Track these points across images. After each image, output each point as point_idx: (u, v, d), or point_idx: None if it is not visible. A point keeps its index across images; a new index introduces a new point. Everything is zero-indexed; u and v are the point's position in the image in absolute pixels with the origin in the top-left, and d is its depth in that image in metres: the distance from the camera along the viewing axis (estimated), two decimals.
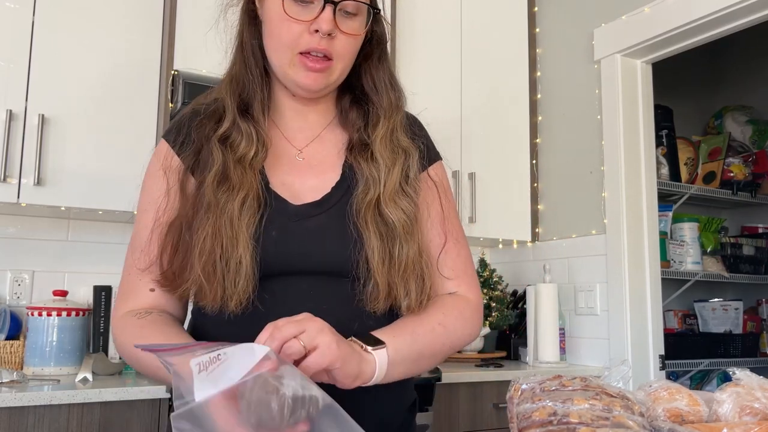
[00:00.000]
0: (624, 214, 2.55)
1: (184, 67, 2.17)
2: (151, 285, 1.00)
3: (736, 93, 3.90)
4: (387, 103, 1.05)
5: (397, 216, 0.99)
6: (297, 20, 0.97)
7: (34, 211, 2.22)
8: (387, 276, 0.97)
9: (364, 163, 1.02)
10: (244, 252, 0.92)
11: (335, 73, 1.01)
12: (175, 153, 1.03)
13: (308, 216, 0.99)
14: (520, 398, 0.80)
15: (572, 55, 2.87)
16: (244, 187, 0.95)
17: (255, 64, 1.03)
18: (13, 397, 1.65)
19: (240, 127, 1.00)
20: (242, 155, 0.98)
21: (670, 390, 0.82)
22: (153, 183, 1.04)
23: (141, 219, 1.04)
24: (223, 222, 0.93)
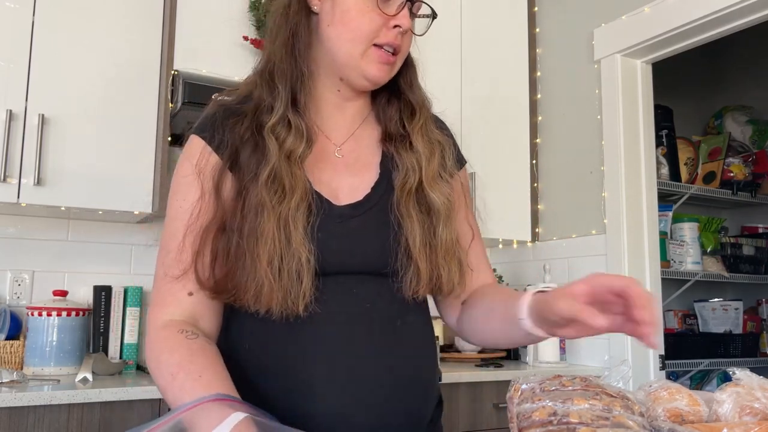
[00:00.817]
0: (624, 214, 2.55)
1: (184, 67, 2.17)
2: (189, 289, 0.95)
3: (736, 93, 3.90)
4: (420, 98, 1.10)
5: (439, 198, 1.02)
6: (382, 13, 0.98)
7: (34, 211, 2.22)
8: (428, 260, 0.99)
9: (403, 152, 1.05)
10: (303, 253, 0.91)
11: (396, 69, 1.05)
12: (212, 150, 0.98)
13: (350, 217, 0.99)
14: (520, 398, 0.80)
15: (572, 55, 2.87)
16: (297, 188, 0.94)
17: (304, 56, 1.02)
18: (13, 397, 1.65)
19: (290, 120, 0.98)
20: (290, 150, 0.96)
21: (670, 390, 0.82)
22: (186, 187, 0.98)
23: (173, 223, 0.99)
24: (280, 224, 0.91)
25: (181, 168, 1.01)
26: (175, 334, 0.91)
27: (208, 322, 0.97)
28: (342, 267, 0.97)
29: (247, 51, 2.33)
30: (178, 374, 0.85)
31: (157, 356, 0.90)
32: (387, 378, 0.97)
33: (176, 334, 0.90)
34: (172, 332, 0.91)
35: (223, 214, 0.95)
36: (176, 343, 0.89)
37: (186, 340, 0.89)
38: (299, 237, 0.91)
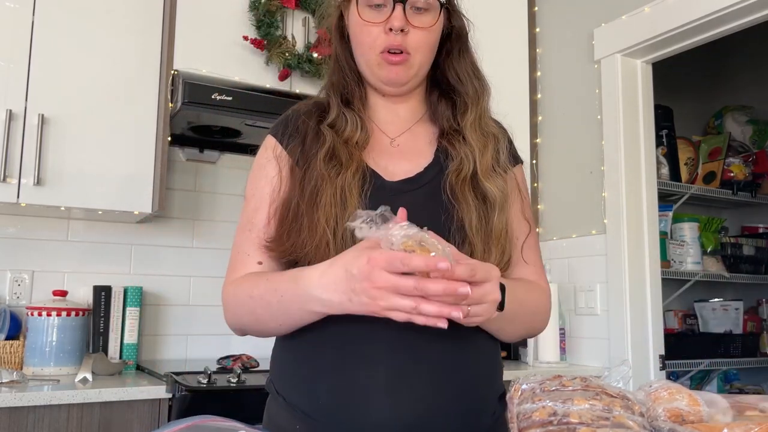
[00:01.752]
0: (624, 214, 2.55)
1: (184, 67, 2.17)
2: (259, 259, 1.08)
3: (736, 93, 3.90)
4: (472, 91, 1.15)
5: (494, 189, 1.07)
6: (372, 23, 1.07)
7: (34, 211, 2.22)
8: (484, 241, 1.03)
9: (457, 145, 1.10)
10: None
11: (414, 66, 1.10)
12: (282, 146, 1.12)
13: (402, 192, 1.06)
14: (520, 398, 0.80)
15: (572, 55, 2.87)
16: (353, 162, 1.05)
17: (349, 70, 1.15)
18: (13, 397, 1.65)
19: (345, 115, 1.11)
20: (348, 137, 1.09)
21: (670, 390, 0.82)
22: (265, 168, 1.12)
23: (253, 200, 1.11)
24: (336, 191, 1.01)
25: (258, 157, 1.15)
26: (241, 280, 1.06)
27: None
28: None
29: (247, 51, 2.33)
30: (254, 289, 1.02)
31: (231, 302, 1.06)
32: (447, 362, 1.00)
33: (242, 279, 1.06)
34: (238, 282, 1.06)
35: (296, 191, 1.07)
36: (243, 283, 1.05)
37: (250, 276, 1.05)
38: (354, 203, 1.01)
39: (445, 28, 1.15)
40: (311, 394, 1.00)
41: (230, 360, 2.15)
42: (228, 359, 2.16)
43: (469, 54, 1.19)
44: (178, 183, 2.57)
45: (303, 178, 1.06)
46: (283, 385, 1.07)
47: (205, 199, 2.62)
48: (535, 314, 1.12)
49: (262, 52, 2.34)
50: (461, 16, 1.18)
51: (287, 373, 1.06)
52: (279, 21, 2.36)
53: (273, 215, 1.08)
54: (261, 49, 2.33)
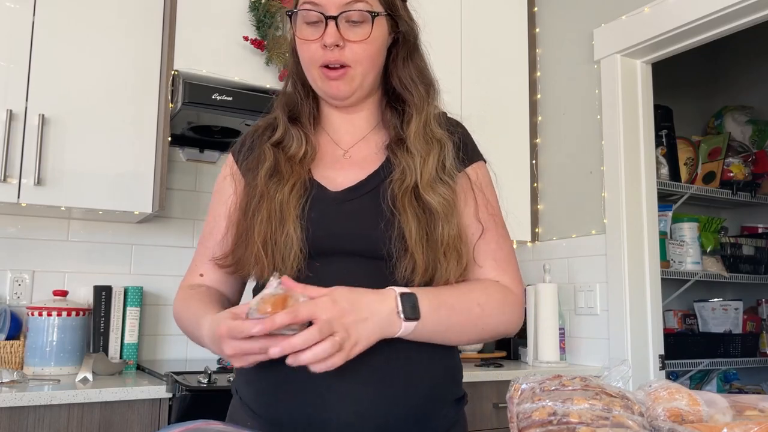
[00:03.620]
0: (624, 214, 2.55)
1: (184, 67, 2.17)
2: (202, 271, 1.18)
3: (736, 93, 3.90)
4: (417, 98, 1.13)
5: (436, 200, 1.05)
6: (309, 40, 1.09)
7: (34, 211, 2.22)
8: (425, 253, 1.02)
9: (400, 155, 1.09)
10: (294, 230, 1.03)
11: (357, 78, 1.10)
12: (237, 165, 1.17)
13: (345, 200, 1.07)
14: (520, 398, 0.80)
15: (572, 55, 2.87)
16: (293, 177, 1.08)
17: (301, 85, 1.17)
18: (13, 397, 1.65)
19: (291, 132, 1.14)
20: (293, 154, 1.11)
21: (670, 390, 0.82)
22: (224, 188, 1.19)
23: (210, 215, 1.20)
24: (274, 207, 1.05)
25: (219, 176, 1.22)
26: (183, 293, 1.16)
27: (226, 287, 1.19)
28: (335, 248, 1.03)
29: (247, 51, 2.33)
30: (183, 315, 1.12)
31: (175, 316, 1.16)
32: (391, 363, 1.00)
33: (184, 292, 1.16)
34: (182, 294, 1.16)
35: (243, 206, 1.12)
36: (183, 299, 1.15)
37: (189, 292, 1.14)
38: (292, 218, 1.03)
39: (393, 34, 1.13)
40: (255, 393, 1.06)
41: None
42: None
43: (415, 59, 1.15)
44: (178, 183, 2.58)
45: (246, 196, 1.11)
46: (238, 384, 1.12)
47: (205, 199, 2.62)
48: (486, 315, 1.05)
49: (262, 52, 2.34)
50: (408, 21, 1.15)
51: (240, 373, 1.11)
52: (279, 21, 2.36)
53: (227, 233, 1.14)
54: (261, 49, 2.33)
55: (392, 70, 1.15)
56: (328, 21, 1.06)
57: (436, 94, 1.17)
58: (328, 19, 1.06)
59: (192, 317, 1.08)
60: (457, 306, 1.02)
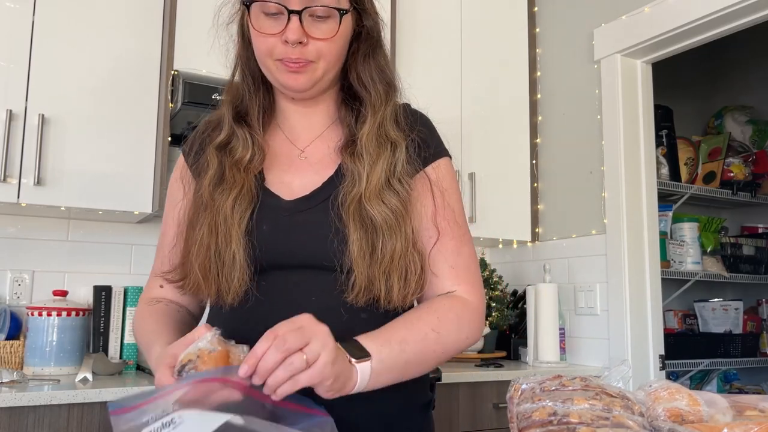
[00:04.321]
0: (624, 214, 2.55)
1: (184, 67, 2.17)
2: (161, 282, 1.11)
3: (736, 93, 3.90)
4: (375, 97, 1.04)
5: (379, 211, 0.97)
6: (267, 34, 0.99)
7: (34, 211, 2.22)
8: (367, 270, 0.96)
9: (350, 160, 1.02)
10: (237, 247, 0.97)
11: (318, 71, 1.01)
12: (188, 166, 1.11)
13: (298, 211, 1.01)
14: (520, 398, 0.80)
15: (572, 55, 2.87)
16: (236, 187, 1.00)
17: (251, 75, 1.07)
18: (13, 397, 1.65)
19: (237, 134, 1.05)
20: (239, 159, 1.03)
21: (670, 390, 0.82)
22: (173, 192, 1.14)
23: (163, 225, 1.15)
24: (218, 219, 0.98)
25: (171, 177, 1.16)
26: (143, 308, 1.10)
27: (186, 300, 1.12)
28: (285, 260, 0.99)
29: None
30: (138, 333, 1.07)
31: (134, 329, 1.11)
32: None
33: (144, 308, 1.10)
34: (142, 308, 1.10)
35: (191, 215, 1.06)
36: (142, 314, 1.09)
37: (148, 308, 1.08)
38: (236, 232, 0.97)
39: (357, 27, 1.04)
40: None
41: None
42: None
43: (377, 56, 1.06)
44: None
45: (194, 204, 1.04)
46: None
47: None
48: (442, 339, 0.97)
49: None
50: (373, 15, 1.06)
51: None
52: None
53: (175, 243, 1.09)
54: None
55: (351, 65, 1.05)
56: (291, 15, 0.96)
57: (395, 95, 1.07)
58: (291, 14, 0.96)
59: (144, 341, 1.02)
60: (409, 337, 0.93)
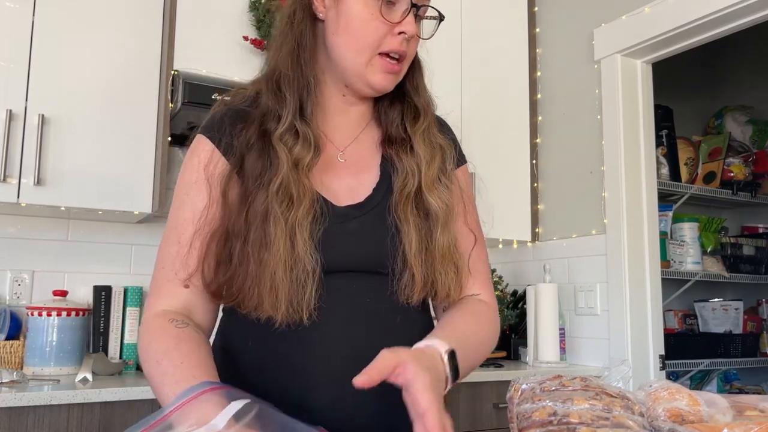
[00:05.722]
0: (624, 214, 2.55)
1: (184, 67, 2.17)
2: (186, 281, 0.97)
3: (736, 93, 3.90)
4: (425, 102, 1.09)
5: (437, 203, 1.01)
6: (386, 21, 0.98)
7: (34, 211, 2.22)
8: (423, 267, 0.98)
9: (404, 156, 1.04)
10: (308, 261, 0.92)
11: (401, 75, 1.04)
12: (221, 153, 0.99)
13: (350, 218, 0.99)
14: (520, 398, 0.80)
15: (572, 55, 2.87)
16: (305, 197, 0.94)
17: (311, 64, 1.02)
18: (13, 397, 1.65)
19: (297, 129, 0.98)
20: (298, 159, 0.96)
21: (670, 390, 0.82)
22: (195, 192, 0.99)
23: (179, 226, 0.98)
24: (287, 232, 0.92)
25: (189, 167, 1.01)
26: (165, 323, 0.92)
27: (203, 314, 0.99)
28: (340, 266, 0.98)
29: (247, 51, 2.33)
30: (162, 360, 0.87)
31: (146, 344, 0.91)
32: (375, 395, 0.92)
33: (166, 323, 0.92)
34: (163, 321, 0.93)
35: (228, 220, 0.96)
36: (165, 332, 0.91)
37: (175, 329, 0.91)
38: (306, 245, 0.92)
39: None
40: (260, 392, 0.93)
41: None
42: None
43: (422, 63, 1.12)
44: None
45: (247, 213, 0.94)
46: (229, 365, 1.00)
47: None
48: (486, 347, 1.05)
49: (262, 52, 2.34)
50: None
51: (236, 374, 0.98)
52: (279, 21, 2.36)
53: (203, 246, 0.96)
54: (261, 49, 2.33)
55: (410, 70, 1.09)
56: (412, 8, 0.98)
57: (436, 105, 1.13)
58: (413, 7, 0.98)
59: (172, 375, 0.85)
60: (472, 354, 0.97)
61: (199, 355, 0.88)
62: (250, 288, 0.91)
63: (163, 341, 0.89)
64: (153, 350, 0.89)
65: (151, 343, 0.91)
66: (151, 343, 0.91)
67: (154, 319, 0.94)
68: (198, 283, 0.97)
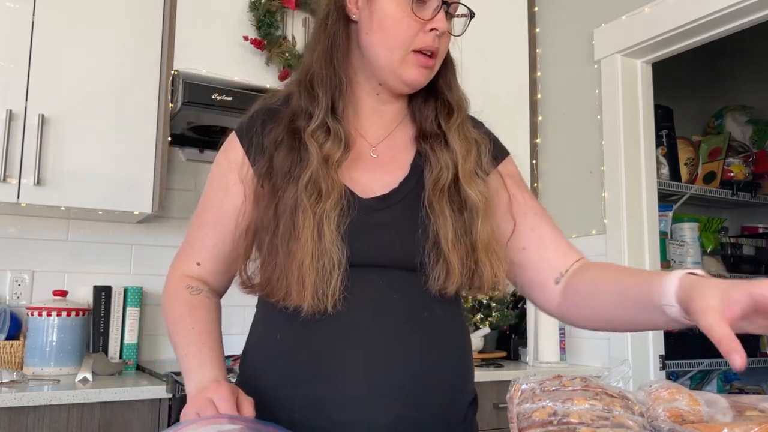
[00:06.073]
0: (624, 214, 2.55)
1: (184, 67, 2.17)
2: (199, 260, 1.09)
3: (736, 93, 3.90)
4: (458, 98, 1.11)
5: (476, 195, 1.02)
6: (418, 18, 1.01)
7: (34, 211, 2.22)
8: (461, 258, 0.99)
9: (438, 150, 1.06)
10: (335, 252, 0.95)
11: (434, 71, 1.07)
12: (249, 162, 1.06)
13: (376, 209, 1.01)
14: (520, 398, 0.80)
15: (572, 55, 2.87)
16: (334, 191, 0.98)
17: (343, 64, 1.05)
18: (13, 397, 1.65)
19: (329, 126, 1.02)
20: (328, 155, 1.00)
21: (670, 390, 0.82)
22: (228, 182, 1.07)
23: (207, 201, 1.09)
24: (315, 224, 0.95)
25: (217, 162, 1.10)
26: (182, 289, 1.07)
27: (214, 283, 1.11)
28: (368, 259, 0.99)
29: (247, 51, 2.33)
30: (177, 323, 1.04)
31: (166, 306, 1.08)
32: (414, 368, 0.97)
33: (183, 290, 1.07)
34: (180, 287, 1.08)
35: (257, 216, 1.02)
36: (181, 298, 1.06)
37: (189, 296, 1.06)
38: (332, 237, 0.95)
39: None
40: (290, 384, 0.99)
41: (230, 360, 2.15)
42: (228, 359, 2.16)
43: (453, 61, 1.17)
44: (178, 183, 2.57)
45: (276, 206, 0.99)
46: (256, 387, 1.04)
47: None
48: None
49: (262, 52, 2.34)
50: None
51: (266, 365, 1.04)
52: (279, 21, 2.36)
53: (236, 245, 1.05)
54: (261, 49, 2.33)
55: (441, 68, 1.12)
56: (443, 5, 1.02)
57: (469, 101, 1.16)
58: (444, 5, 1.02)
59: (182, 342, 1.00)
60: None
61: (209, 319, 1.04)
62: (279, 278, 0.95)
63: (178, 307, 1.05)
64: (170, 314, 1.06)
65: (168, 307, 1.07)
66: (168, 308, 1.07)
67: (174, 282, 1.09)
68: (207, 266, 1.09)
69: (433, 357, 1.00)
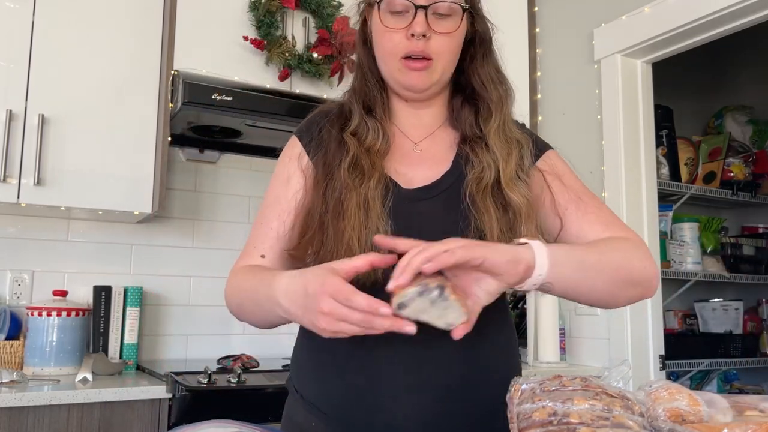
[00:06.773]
0: (624, 214, 2.55)
1: (184, 67, 2.17)
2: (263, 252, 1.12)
3: (736, 93, 3.90)
4: (496, 97, 1.13)
5: (518, 199, 1.05)
6: (394, 29, 1.07)
7: (34, 211, 2.22)
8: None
9: (480, 152, 1.09)
10: (380, 225, 1.01)
11: (437, 71, 1.10)
12: (308, 156, 1.14)
13: (419, 199, 1.07)
14: (521, 398, 0.80)
15: (572, 55, 2.87)
16: (375, 172, 1.06)
17: (372, 77, 1.16)
18: (13, 397, 1.65)
19: (367, 123, 1.12)
20: (370, 145, 1.09)
21: (670, 390, 0.82)
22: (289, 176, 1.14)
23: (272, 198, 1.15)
24: (360, 201, 1.02)
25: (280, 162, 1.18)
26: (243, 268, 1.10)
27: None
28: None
29: (247, 51, 2.33)
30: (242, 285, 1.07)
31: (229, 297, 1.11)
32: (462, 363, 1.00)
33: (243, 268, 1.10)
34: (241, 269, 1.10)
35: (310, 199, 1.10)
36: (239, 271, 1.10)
37: (247, 268, 1.09)
38: (377, 212, 1.02)
39: (469, 32, 1.15)
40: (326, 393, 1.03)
41: (230, 360, 2.15)
42: (228, 359, 2.16)
43: (492, 58, 1.17)
44: (178, 183, 2.57)
45: (326, 189, 1.07)
46: (301, 383, 1.10)
47: (205, 199, 2.62)
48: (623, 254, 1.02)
49: (262, 52, 2.34)
50: (485, 20, 1.19)
51: (305, 371, 1.09)
52: (279, 21, 2.36)
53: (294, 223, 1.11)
54: (261, 49, 2.33)
55: (471, 68, 1.15)
56: (417, 10, 1.05)
57: (513, 95, 1.17)
58: (418, 9, 1.05)
59: (258, 281, 1.03)
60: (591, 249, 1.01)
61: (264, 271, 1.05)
62: (329, 252, 1.01)
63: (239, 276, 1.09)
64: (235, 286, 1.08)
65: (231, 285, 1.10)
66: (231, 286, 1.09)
67: (231, 274, 1.11)
68: (270, 255, 1.11)
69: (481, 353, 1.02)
